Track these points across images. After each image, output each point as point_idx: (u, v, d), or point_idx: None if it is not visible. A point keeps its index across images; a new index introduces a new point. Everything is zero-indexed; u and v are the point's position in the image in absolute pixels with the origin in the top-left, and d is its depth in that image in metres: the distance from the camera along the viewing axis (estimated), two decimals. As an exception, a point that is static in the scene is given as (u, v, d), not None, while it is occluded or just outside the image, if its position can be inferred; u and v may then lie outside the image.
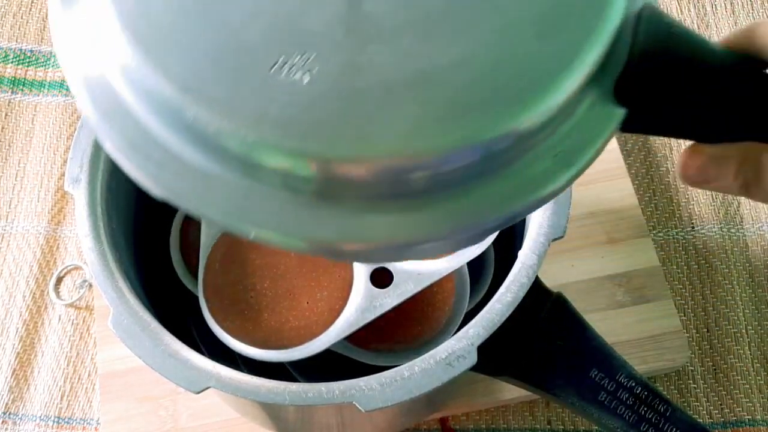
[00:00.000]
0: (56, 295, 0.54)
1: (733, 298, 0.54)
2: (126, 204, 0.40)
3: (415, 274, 0.40)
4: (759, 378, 0.51)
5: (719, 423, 0.50)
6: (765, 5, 0.65)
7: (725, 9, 0.65)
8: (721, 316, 0.53)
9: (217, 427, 0.47)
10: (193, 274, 0.43)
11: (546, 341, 0.37)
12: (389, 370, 0.33)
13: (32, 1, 0.65)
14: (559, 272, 0.51)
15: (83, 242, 0.36)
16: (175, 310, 0.43)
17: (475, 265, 0.43)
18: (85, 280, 0.53)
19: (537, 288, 0.37)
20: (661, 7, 0.64)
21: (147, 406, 0.48)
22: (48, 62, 0.62)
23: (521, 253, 0.36)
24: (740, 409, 0.51)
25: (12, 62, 0.62)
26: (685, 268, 0.55)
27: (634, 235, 0.53)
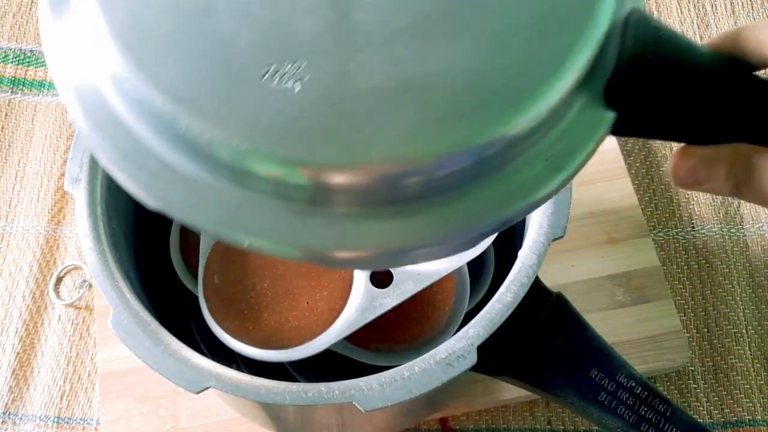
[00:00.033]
0: (56, 295, 0.54)
1: (734, 298, 0.54)
2: (126, 204, 0.40)
3: (415, 274, 0.40)
4: (759, 378, 0.51)
5: (719, 423, 0.50)
6: (765, 5, 0.65)
7: (725, 9, 0.65)
8: (722, 316, 0.53)
9: (217, 427, 0.47)
10: (193, 274, 0.43)
11: (546, 341, 0.37)
12: (389, 370, 0.33)
13: (32, 1, 0.65)
14: (559, 272, 0.51)
15: (83, 242, 0.36)
16: (175, 310, 0.43)
17: (475, 265, 0.43)
18: (85, 280, 0.53)
19: (537, 288, 0.37)
20: (662, 7, 0.64)
21: (147, 406, 0.48)
22: (48, 62, 0.62)
23: (521, 253, 0.36)
24: (740, 409, 0.51)
25: (12, 62, 0.62)
26: (685, 268, 0.55)
27: (634, 235, 0.53)
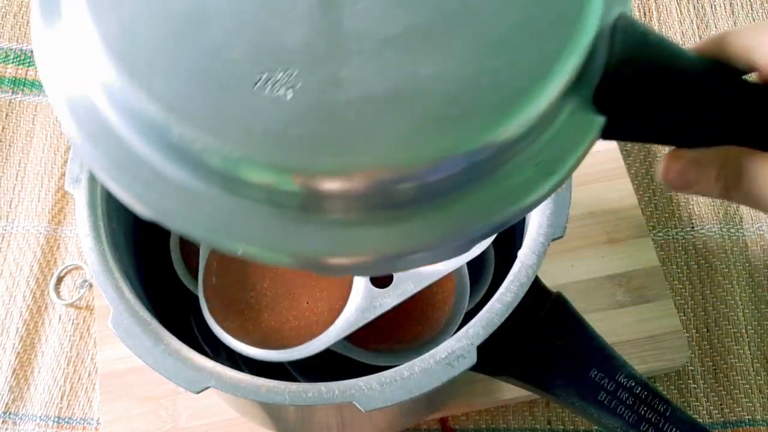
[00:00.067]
0: (56, 294, 0.54)
1: (733, 298, 0.54)
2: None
3: (415, 274, 0.40)
4: (759, 378, 0.51)
5: (719, 423, 0.50)
6: (765, 5, 0.65)
7: (725, 9, 0.65)
8: (721, 316, 0.53)
9: (217, 427, 0.47)
10: (193, 274, 0.43)
11: (546, 341, 0.37)
12: (389, 370, 0.33)
13: (32, 2, 0.65)
14: (559, 272, 0.51)
15: (83, 242, 0.36)
16: (176, 309, 0.43)
17: (475, 265, 0.43)
18: (86, 280, 0.53)
19: (537, 288, 0.37)
20: (661, 7, 0.64)
21: (147, 405, 0.48)
22: (48, 62, 0.62)
23: (521, 253, 0.36)
24: (740, 409, 0.51)
25: (12, 62, 0.62)
26: (685, 268, 0.55)
27: (634, 235, 0.53)
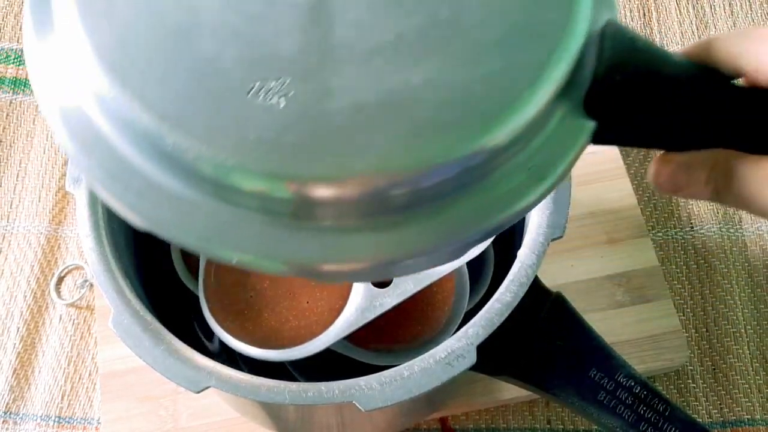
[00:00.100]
0: (57, 294, 0.54)
1: (732, 298, 0.54)
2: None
3: (415, 274, 0.40)
4: (758, 378, 0.51)
5: (718, 422, 0.50)
6: (764, 6, 0.65)
7: (724, 10, 0.65)
8: (721, 316, 0.53)
9: (217, 426, 0.47)
10: (194, 273, 0.44)
11: (546, 341, 0.37)
12: (389, 370, 0.33)
13: (33, 2, 0.65)
14: (559, 272, 0.51)
15: (84, 242, 0.36)
16: (176, 309, 0.43)
17: (475, 265, 0.43)
18: (86, 280, 0.53)
19: (536, 288, 0.37)
20: (661, 8, 0.64)
21: (147, 405, 0.48)
22: (49, 62, 0.62)
23: (521, 253, 0.36)
24: (739, 409, 0.51)
25: (13, 63, 0.62)
26: (685, 268, 0.55)
27: (634, 235, 0.53)
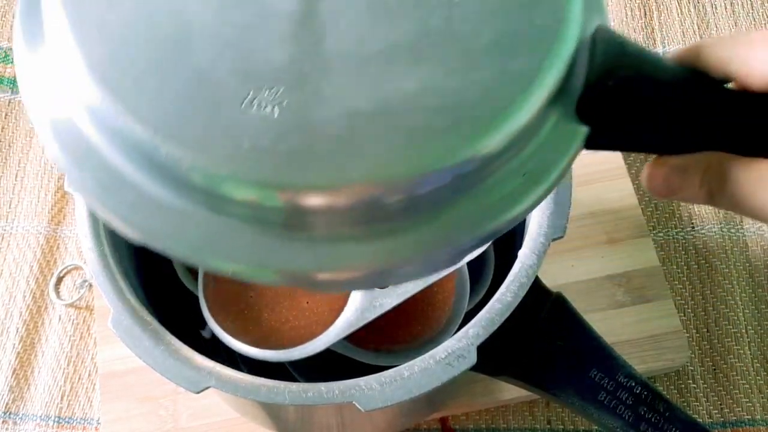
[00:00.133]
0: (56, 295, 0.54)
1: (733, 298, 0.54)
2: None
3: (415, 274, 0.40)
4: (759, 378, 0.51)
5: (719, 423, 0.50)
6: (765, 5, 0.65)
7: (725, 9, 0.65)
8: (721, 316, 0.53)
9: (217, 427, 0.47)
10: (193, 274, 0.43)
11: (546, 341, 0.37)
12: (389, 370, 0.33)
13: (32, 1, 0.65)
14: (559, 272, 0.51)
15: (83, 242, 0.36)
16: (176, 309, 0.43)
17: (475, 265, 0.43)
18: (85, 280, 0.53)
19: (537, 288, 0.37)
20: (662, 7, 0.64)
21: (147, 406, 0.48)
22: (48, 62, 0.62)
23: (521, 253, 0.36)
24: (740, 409, 0.51)
25: (13, 63, 0.62)
26: (685, 268, 0.55)
27: (634, 235, 0.53)
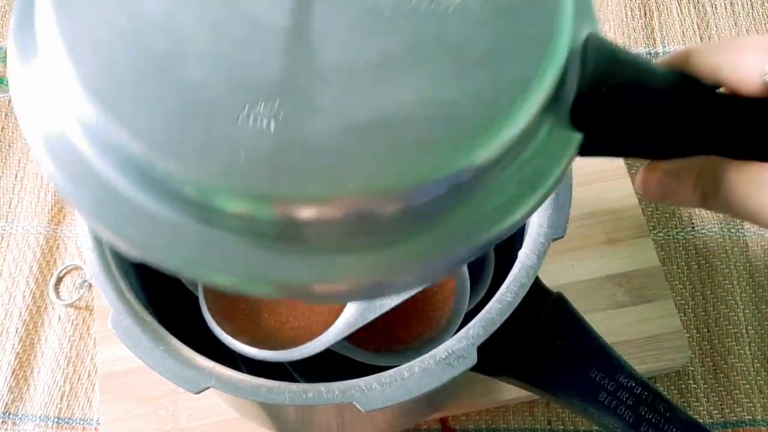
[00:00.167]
0: (56, 295, 0.54)
1: (734, 298, 0.54)
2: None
3: (415, 274, 0.40)
4: (759, 378, 0.51)
5: (719, 423, 0.50)
6: (765, 5, 0.65)
7: (725, 9, 0.65)
8: (722, 316, 0.53)
9: (217, 427, 0.47)
10: (193, 274, 0.43)
11: (546, 341, 0.37)
12: (389, 370, 0.33)
13: (32, 1, 0.65)
14: (559, 272, 0.51)
15: (83, 242, 0.36)
16: (176, 310, 0.43)
17: (476, 266, 0.43)
18: (85, 280, 0.53)
19: (537, 288, 0.37)
20: (662, 7, 0.64)
21: (147, 406, 0.48)
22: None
23: (521, 253, 0.36)
24: (740, 409, 0.51)
25: (12, 62, 0.62)
26: (686, 268, 0.55)
27: (634, 235, 0.53)
